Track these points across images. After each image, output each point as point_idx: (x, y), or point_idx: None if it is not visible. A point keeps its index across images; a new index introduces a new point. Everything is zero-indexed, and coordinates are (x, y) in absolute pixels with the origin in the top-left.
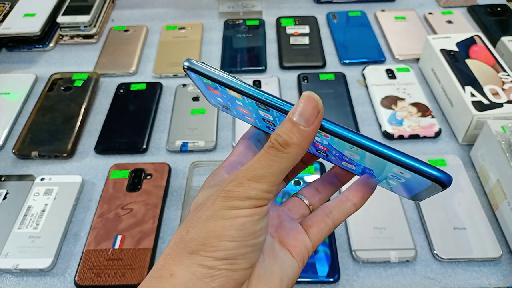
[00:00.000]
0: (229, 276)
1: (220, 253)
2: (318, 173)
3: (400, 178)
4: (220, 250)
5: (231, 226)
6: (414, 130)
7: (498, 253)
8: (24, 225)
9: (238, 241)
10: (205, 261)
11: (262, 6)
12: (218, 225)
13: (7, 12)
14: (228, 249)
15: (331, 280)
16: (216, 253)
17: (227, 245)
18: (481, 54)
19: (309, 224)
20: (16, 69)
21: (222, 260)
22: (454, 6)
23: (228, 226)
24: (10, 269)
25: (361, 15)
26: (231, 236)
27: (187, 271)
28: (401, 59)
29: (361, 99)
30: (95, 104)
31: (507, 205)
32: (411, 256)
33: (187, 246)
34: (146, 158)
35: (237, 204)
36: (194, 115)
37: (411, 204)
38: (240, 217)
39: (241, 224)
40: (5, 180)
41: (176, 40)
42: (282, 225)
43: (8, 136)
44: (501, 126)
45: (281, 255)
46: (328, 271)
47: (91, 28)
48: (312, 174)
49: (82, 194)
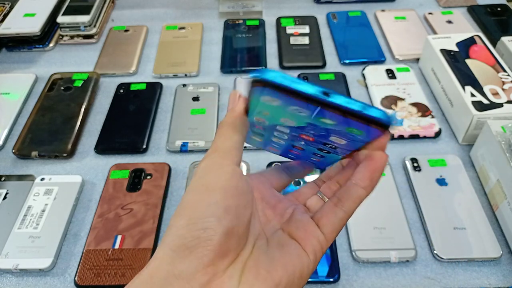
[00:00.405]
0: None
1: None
2: (318, 173)
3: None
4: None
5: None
6: (414, 130)
7: (498, 253)
8: (24, 225)
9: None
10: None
11: (262, 6)
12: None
13: (7, 12)
14: (200, 212)
15: (331, 280)
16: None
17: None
18: (481, 54)
19: (319, 216)
20: (16, 69)
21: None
22: (454, 6)
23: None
24: (10, 269)
25: (361, 15)
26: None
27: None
28: (401, 59)
29: (361, 99)
30: (95, 104)
31: (507, 205)
32: (411, 256)
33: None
34: (146, 158)
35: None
36: (194, 115)
37: (411, 204)
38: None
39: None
40: (5, 180)
41: (176, 40)
42: (293, 217)
43: (8, 136)
44: (501, 126)
45: (288, 245)
46: (328, 271)
47: (91, 28)
48: (312, 174)
49: (82, 194)
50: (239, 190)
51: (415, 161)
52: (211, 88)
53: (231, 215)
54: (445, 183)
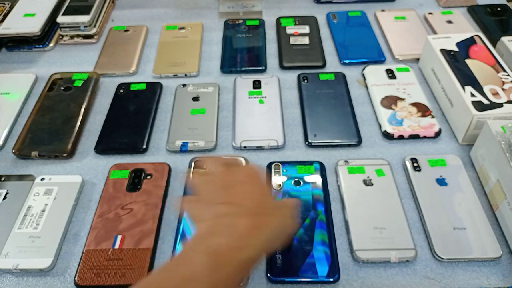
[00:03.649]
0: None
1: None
2: (318, 173)
3: None
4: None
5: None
6: (414, 130)
7: (498, 253)
8: (24, 225)
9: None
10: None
11: (262, 6)
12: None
13: (7, 12)
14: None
15: (331, 280)
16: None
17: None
18: (481, 54)
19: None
20: (16, 69)
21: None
22: (454, 6)
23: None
24: (10, 269)
25: (361, 15)
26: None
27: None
28: (401, 59)
29: (361, 99)
30: (95, 104)
31: (507, 205)
32: (411, 256)
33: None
34: (146, 158)
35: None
36: (194, 115)
37: (411, 204)
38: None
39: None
40: (5, 180)
41: (176, 40)
42: None
43: (8, 136)
44: (501, 126)
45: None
46: (328, 271)
47: (91, 28)
48: (312, 174)
49: (82, 194)
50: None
51: (415, 161)
52: (211, 88)
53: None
54: (445, 183)
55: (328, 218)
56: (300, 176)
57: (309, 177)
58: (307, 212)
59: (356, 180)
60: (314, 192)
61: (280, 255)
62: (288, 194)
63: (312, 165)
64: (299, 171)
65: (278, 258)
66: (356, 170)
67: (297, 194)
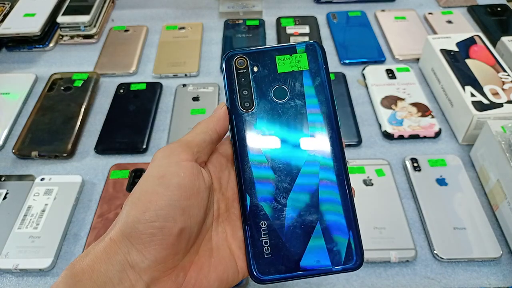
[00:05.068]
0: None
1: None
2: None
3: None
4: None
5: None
6: (414, 130)
7: (498, 253)
8: (24, 225)
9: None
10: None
11: (262, 6)
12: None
13: (7, 12)
14: (158, 209)
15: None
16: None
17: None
18: (481, 54)
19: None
20: (16, 69)
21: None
22: (454, 6)
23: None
24: (10, 269)
25: (361, 15)
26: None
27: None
28: (401, 59)
29: (361, 99)
30: (95, 104)
31: (507, 205)
32: (411, 256)
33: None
34: (146, 158)
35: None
36: (194, 115)
37: (411, 204)
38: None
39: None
40: (5, 180)
41: (176, 40)
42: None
43: (8, 136)
44: (501, 126)
45: (228, 261)
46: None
47: (91, 28)
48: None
49: (82, 194)
50: (194, 189)
51: (415, 161)
52: (211, 88)
53: (185, 215)
54: (445, 183)
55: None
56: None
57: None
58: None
59: (356, 180)
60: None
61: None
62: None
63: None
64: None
65: (265, 244)
66: (356, 170)
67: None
